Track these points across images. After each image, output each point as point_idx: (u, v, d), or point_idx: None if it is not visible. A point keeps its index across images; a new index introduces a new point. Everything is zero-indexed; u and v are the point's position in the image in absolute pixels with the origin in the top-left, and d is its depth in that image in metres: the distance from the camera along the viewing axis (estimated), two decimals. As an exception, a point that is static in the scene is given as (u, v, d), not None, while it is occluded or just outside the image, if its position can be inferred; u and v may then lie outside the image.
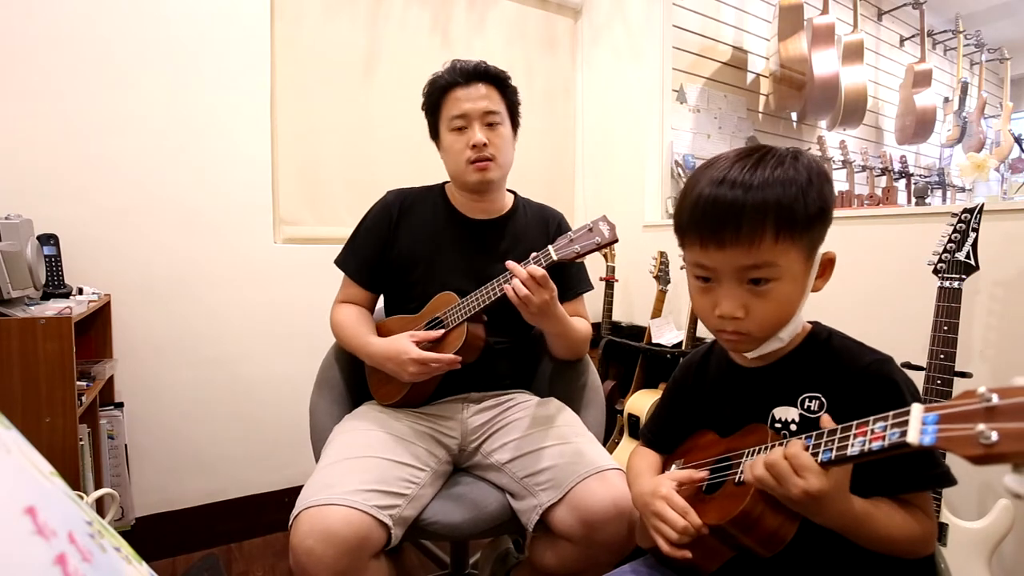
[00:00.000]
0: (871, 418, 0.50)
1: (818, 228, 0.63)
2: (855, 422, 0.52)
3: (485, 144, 1.11)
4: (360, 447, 1.00)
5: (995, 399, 0.40)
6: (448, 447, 1.11)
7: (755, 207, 0.59)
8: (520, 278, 0.96)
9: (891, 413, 0.49)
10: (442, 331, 1.07)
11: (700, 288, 0.66)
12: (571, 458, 1.00)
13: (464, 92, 1.12)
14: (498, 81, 1.15)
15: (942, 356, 1.08)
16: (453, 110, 1.12)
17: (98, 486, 1.36)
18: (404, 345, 1.05)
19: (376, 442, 1.01)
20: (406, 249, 1.18)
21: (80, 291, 1.39)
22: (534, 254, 1.00)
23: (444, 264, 1.16)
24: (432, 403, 1.15)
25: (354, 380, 1.25)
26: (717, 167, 0.63)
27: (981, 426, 0.40)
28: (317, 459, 1.09)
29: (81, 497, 0.71)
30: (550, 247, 0.99)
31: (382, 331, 1.17)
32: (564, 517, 0.94)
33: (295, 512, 0.86)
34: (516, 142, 1.21)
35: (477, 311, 1.04)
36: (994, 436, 0.39)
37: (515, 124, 1.20)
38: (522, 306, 0.98)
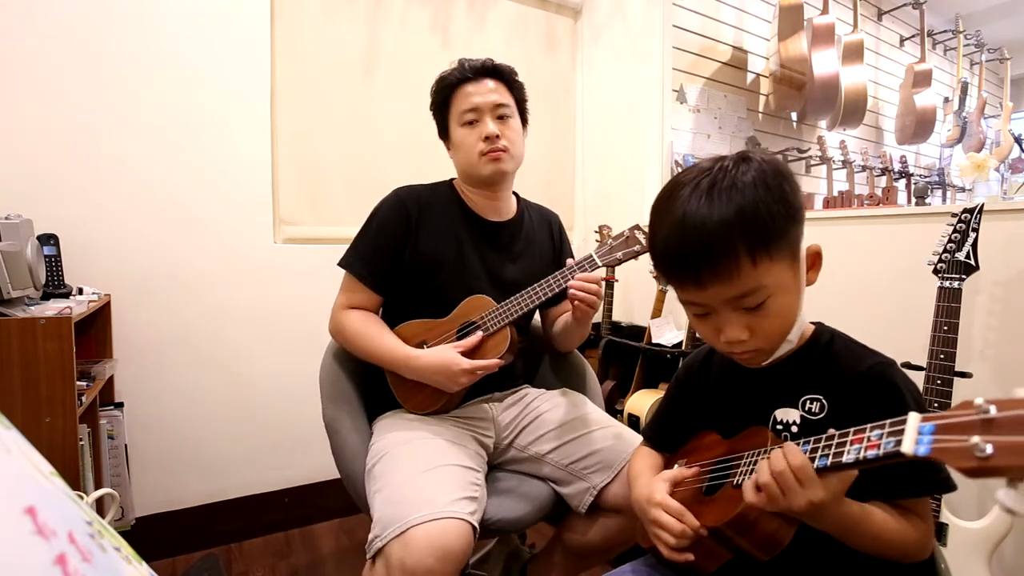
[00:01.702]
0: (868, 425, 0.50)
1: (792, 231, 0.61)
2: (852, 429, 0.51)
3: (498, 135, 1.12)
4: (431, 456, 0.97)
5: (993, 411, 0.40)
6: (487, 447, 1.13)
7: (720, 238, 0.57)
8: (589, 290, 1.02)
9: (888, 421, 0.48)
10: (480, 336, 1.08)
11: (699, 319, 0.65)
12: (613, 440, 1.08)
13: (474, 87, 1.13)
14: (506, 77, 1.17)
15: (942, 356, 1.08)
16: (463, 104, 1.13)
17: (98, 486, 1.36)
18: (453, 356, 1.04)
19: (441, 450, 1.00)
20: (430, 250, 1.13)
21: (80, 291, 1.39)
22: (577, 261, 1.07)
23: (467, 267, 1.15)
24: (461, 406, 1.15)
25: (366, 389, 1.21)
26: (674, 202, 0.61)
27: (976, 438, 0.39)
28: (346, 478, 1.06)
29: (81, 497, 0.71)
30: (594, 254, 1.07)
31: (402, 337, 1.13)
32: (619, 492, 1.02)
33: (400, 528, 0.82)
34: (525, 138, 1.22)
35: (518, 316, 1.07)
36: (989, 449, 0.38)
37: (524, 120, 1.21)
38: (584, 309, 1.04)
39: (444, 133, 1.20)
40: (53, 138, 1.47)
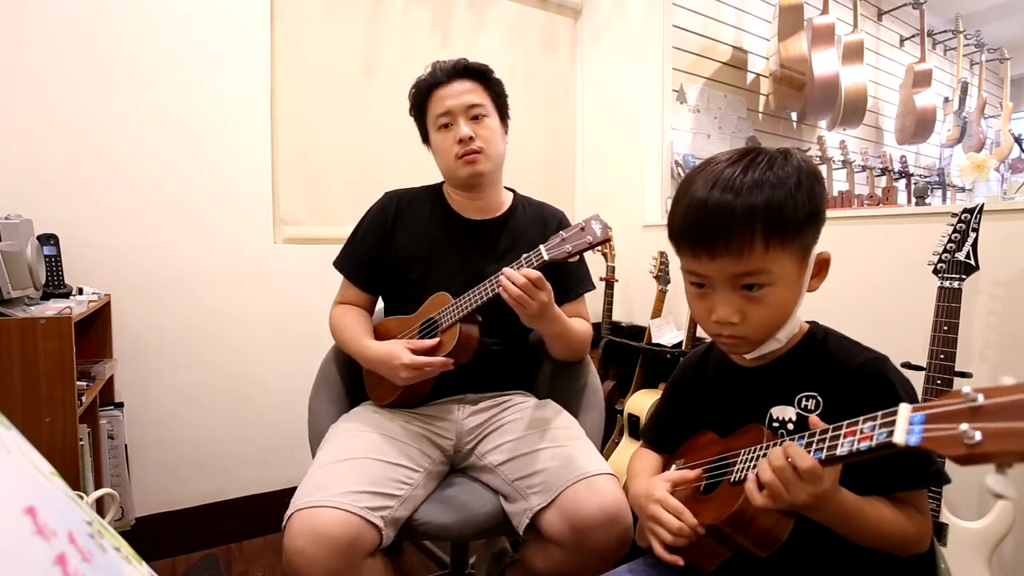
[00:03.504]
0: (861, 418, 0.50)
1: (809, 231, 0.63)
2: (845, 422, 0.52)
3: (472, 137, 1.11)
4: (353, 449, 1.00)
5: (980, 399, 0.40)
6: (442, 448, 1.11)
7: (743, 216, 0.59)
8: (518, 284, 0.93)
9: (880, 413, 0.49)
10: (436, 339, 1.06)
11: (696, 294, 0.67)
12: (563, 462, 0.99)
13: (446, 90, 1.13)
14: (480, 75, 1.15)
15: (942, 356, 1.08)
16: (437, 108, 1.14)
17: (98, 486, 1.36)
18: (397, 350, 1.04)
19: (369, 443, 1.01)
20: (403, 251, 1.17)
21: (80, 291, 1.39)
22: (525, 255, 0.98)
23: (441, 266, 1.15)
24: (428, 403, 1.15)
25: (352, 380, 1.25)
26: (706, 175, 0.63)
27: (964, 426, 0.40)
28: (314, 458, 1.09)
29: (81, 497, 0.71)
30: (541, 247, 0.97)
31: (379, 331, 1.17)
32: (553, 521, 0.93)
33: (288, 513, 0.88)
34: (508, 135, 1.20)
35: (470, 311, 1.02)
36: (977, 436, 0.39)
37: (504, 117, 1.19)
38: (518, 308, 0.95)
39: (425, 138, 1.21)
40: (53, 138, 1.47)
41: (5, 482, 0.26)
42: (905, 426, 0.45)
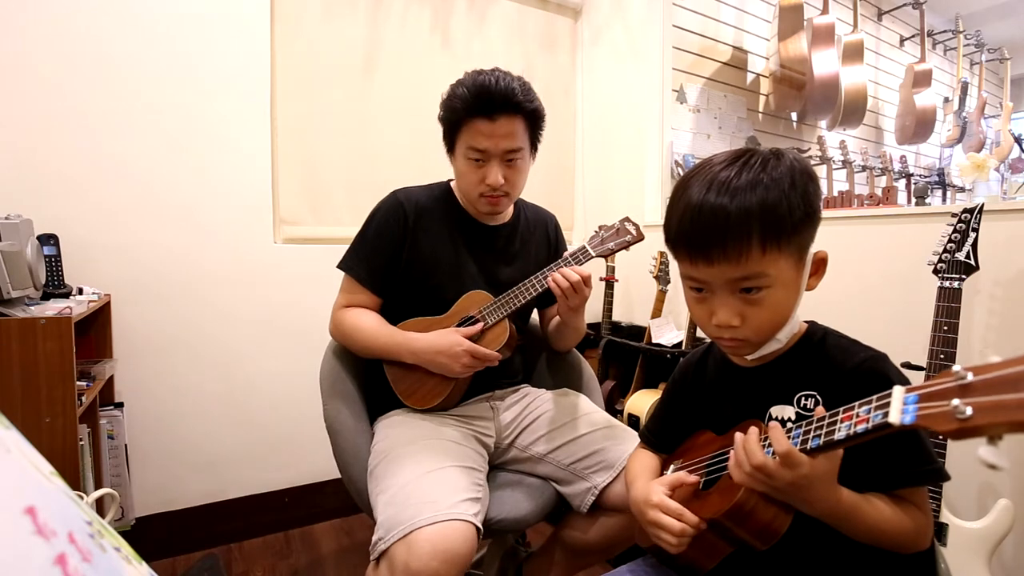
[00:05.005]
0: (856, 403, 0.52)
1: (806, 231, 0.63)
2: (842, 408, 0.53)
3: (502, 183, 1.08)
4: (435, 458, 0.97)
5: (970, 376, 0.42)
6: (488, 446, 1.13)
7: (738, 221, 0.59)
8: (571, 280, 1.03)
9: (875, 396, 0.50)
10: (481, 325, 1.09)
11: (695, 298, 0.67)
12: (614, 440, 1.09)
13: (487, 127, 1.04)
14: (526, 111, 1.07)
15: (942, 356, 1.08)
16: (472, 141, 1.06)
17: (98, 486, 1.36)
18: (455, 337, 1.05)
19: (444, 451, 1.00)
20: (426, 253, 1.14)
21: (80, 291, 1.39)
22: (571, 252, 1.09)
23: (464, 268, 1.16)
24: (461, 405, 1.15)
25: (368, 388, 1.21)
26: (699, 180, 0.63)
27: (956, 402, 0.41)
28: (347, 478, 1.06)
29: (81, 497, 0.71)
30: (587, 245, 1.09)
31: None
32: (620, 491, 1.01)
33: (405, 531, 0.81)
34: (533, 161, 1.16)
35: (517, 308, 1.08)
36: (968, 411, 0.40)
37: (535, 147, 1.15)
38: (563, 299, 1.05)
39: (449, 146, 1.15)
40: (53, 138, 1.47)
41: (5, 482, 0.26)
42: (900, 406, 0.47)
